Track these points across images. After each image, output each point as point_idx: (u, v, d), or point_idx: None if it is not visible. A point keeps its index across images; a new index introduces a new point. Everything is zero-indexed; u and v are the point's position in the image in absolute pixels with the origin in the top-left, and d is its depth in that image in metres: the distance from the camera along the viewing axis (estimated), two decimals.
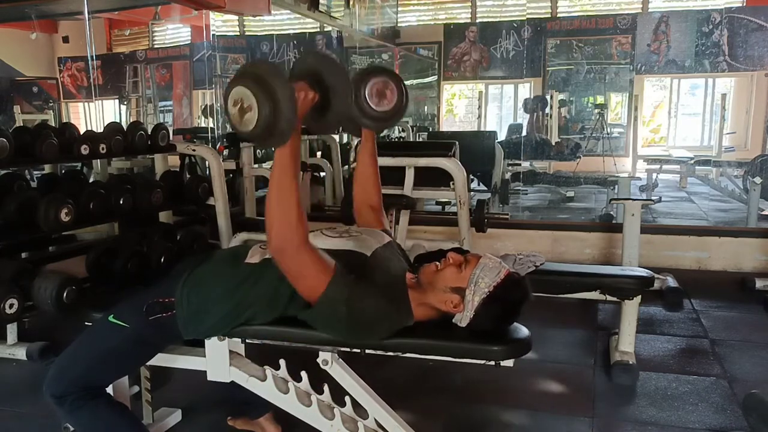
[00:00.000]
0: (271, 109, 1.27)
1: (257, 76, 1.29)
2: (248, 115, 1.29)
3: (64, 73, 6.78)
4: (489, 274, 1.49)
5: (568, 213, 6.54)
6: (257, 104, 1.27)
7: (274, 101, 1.27)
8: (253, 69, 1.33)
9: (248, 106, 1.28)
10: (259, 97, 1.27)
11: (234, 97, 1.31)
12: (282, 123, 1.29)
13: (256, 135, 1.32)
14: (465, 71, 9.29)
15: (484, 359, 1.54)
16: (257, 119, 1.28)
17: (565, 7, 9.16)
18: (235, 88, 1.31)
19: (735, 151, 7.63)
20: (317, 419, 1.66)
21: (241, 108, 1.29)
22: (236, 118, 1.32)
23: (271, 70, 1.30)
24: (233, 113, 1.32)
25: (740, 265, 4.13)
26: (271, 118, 1.28)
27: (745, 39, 7.94)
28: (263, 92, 1.27)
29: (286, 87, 1.28)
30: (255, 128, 1.29)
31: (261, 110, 1.27)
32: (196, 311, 1.61)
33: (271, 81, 1.28)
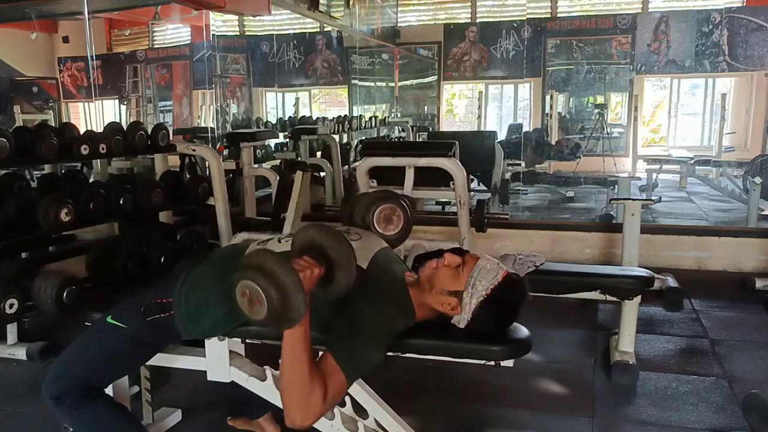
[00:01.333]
0: (280, 301, 1.27)
1: (262, 268, 1.29)
2: (257, 306, 1.29)
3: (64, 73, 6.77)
4: (486, 276, 1.49)
5: (568, 213, 6.54)
6: (266, 298, 1.27)
7: (284, 295, 1.27)
8: (257, 260, 1.32)
9: (257, 299, 1.29)
10: (266, 292, 1.27)
11: (241, 290, 1.32)
12: (292, 312, 1.29)
13: (268, 323, 1.32)
14: (465, 71, 9.30)
15: (484, 359, 1.54)
16: (267, 311, 1.28)
17: (565, 7, 9.16)
18: (241, 282, 1.31)
19: (735, 151, 7.63)
20: None
21: (250, 299, 1.30)
22: (246, 308, 1.32)
23: (275, 260, 1.30)
24: (242, 303, 1.33)
25: (740, 265, 4.13)
26: (281, 309, 1.28)
27: (745, 39, 7.95)
28: (270, 287, 1.27)
29: (293, 278, 1.28)
30: (266, 318, 1.29)
31: (270, 303, 1.27)
32: (195, 311, 1.60)
33: (277, 272, 1.27)
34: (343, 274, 1.41)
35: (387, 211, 1.81)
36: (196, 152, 3.81)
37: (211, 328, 1.62)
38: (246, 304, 1.32)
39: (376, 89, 9.04)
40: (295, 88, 8.61)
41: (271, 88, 8.23)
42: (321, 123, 6.60)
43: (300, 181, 3.63)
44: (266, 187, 5.09)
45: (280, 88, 8.42)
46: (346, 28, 6.90)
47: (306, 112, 7.94)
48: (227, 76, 7.40)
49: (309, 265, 1.36)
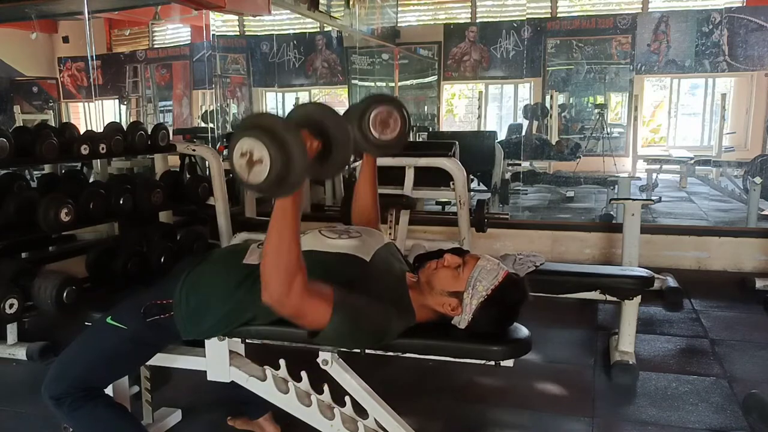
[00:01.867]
0: (285, 163, 1.23)
1: (268, 129, 1.25)
2: (257, 168, 1.25)
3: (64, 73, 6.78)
4: (487, 276, 1.49)
5: (568, 213, 6.54)
6: (270, 157, 1.23)
7: (288, 156, 1.23)
8: (263, 121, 1.28)
9: (258, 159, 1.24)
10: (271, 150, 1.23)
11: (242, 149, 1.26)
12: (293, 176, 1.26)
13: (265, 187, 1.28)
14: (465, 71, 9.30)
15: (484, 359, 1.54)
16: (269, 172, 1.24)
17: (565, 7, 9.17)
18: (243, 140, 1.26)
19: (735, 151, 7.63)
20: (317, 419, 1.66)
21: (250, 160, 1.25)
22: (243, 170, 1.27)
23: (282, 122, 1.27)
24: (240, 165, 1.27)
25: (740, 265, 4.13)
26: (284, 171, 1.24)
27: (745, 39, 7.95)
28: (277, 146, 1.23)
29: (300, 141, 1.25)
30: (265, 181, 1.25)
31: (274, 164, 1.23)
32: (195, 312, 1.60)
33: (284, 135, 1.24)
34: (339, 151, 1.39)
35: (383, 114, 1.72)
36: (196, 152, 3.82)
37: (211, 328, 1.62)
38: (244, 166, 1.26)
39: (376, 89, 9.04)
40: (295, 88, 8.61)
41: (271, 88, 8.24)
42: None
43: None
44: None
45: (280, 88, 8.43)
46: (346, 28, 6.90)
47: None
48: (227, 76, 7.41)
49: (306, 137, 1.33)
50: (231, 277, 1.59)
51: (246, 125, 1.30)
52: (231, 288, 1.58)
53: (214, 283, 1.60)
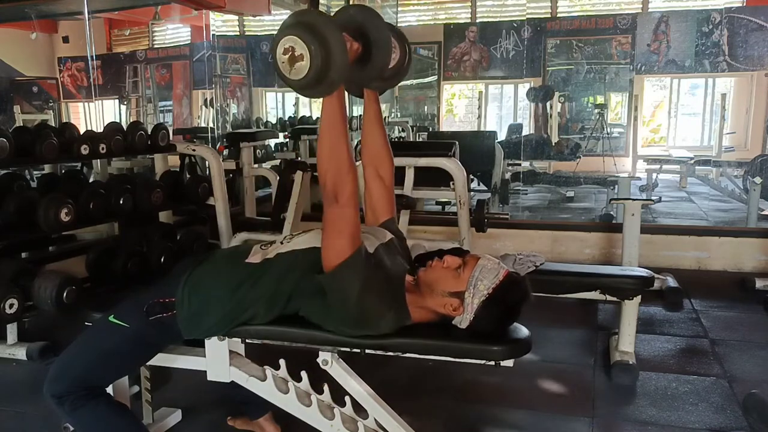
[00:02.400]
0: (324, 58, 1.26)
1: (310, 25, 1.28)
2: (299, 64, 1.28)
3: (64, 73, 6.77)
4: (488, 275, 1.49)
5: (568, 213, 6.54)
6: (310, 53, 1.26)
7: (327, 51, 1.26)
8: (305, 18, 1.31)
9: (300, 55, 1.27)
10: (312, 47, 1.26)
11: (284, 45, 1.29)
12: (334, 72, 1.28)
13: (306, 84, 1.31)
14: (465, 71, 9.29)
15: (484, 359, 1.54)
16: (309, 68, 1.27)
17: (565, 7, 9.16)
18: (286, 36, 1.29)
19: (735, 151, 7.63)
20: (317, 419, 1.66)
21: (292, 56, 1.28)
22: (286, 67, 1.30)
23: (323, 19, 1.30)
24: (283, 61, 1.30)
25: (740, 265, 4.13)
26: (324, 67, 1.27)
27: (745, 39, 7.94)
28: (317, 41, 1.26)
29: (339, 37, 1.28)
30: (306, 77, 1.29)
31: (314, 59, 1.26)
32: (197, 311, 1.61)
33: (324, 30, 1.27)
34: (380, 53, 1.42)
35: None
36: (196, 152, 3.82)
37: (213, 327, 1.62)
38: (287, 62, 1.30)
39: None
40: None
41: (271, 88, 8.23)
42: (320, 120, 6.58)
43: (300, 181, 3.63)
44: (266, 187, 5.09)
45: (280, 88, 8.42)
46: None
47: (306, 112, 7.93)
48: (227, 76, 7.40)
49: (347, 39, 1.36)
50: (233, 277, 1.59)
51: (288, 23, 1.31)
52: (232, 288, 1.58)
53: (216, 282, 1.61)
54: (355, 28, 1.42)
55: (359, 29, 1.42)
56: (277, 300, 1.56)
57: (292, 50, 1.28)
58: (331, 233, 1.46)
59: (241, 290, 1.57)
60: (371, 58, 1.43)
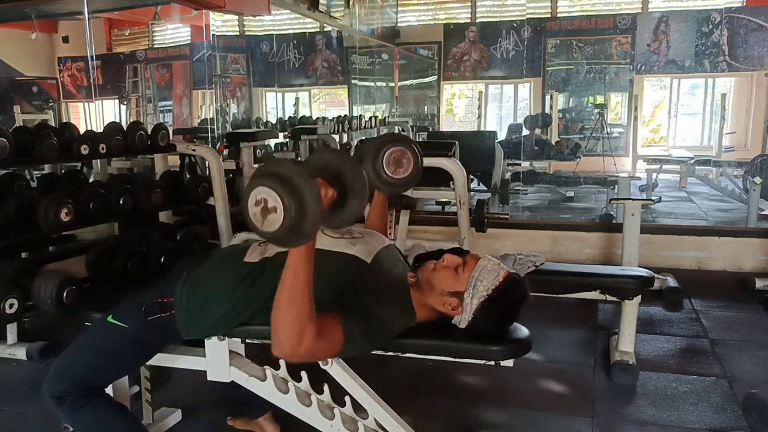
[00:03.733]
0: (298, 211, 1.22)
1: (283, 177, 1.24)
2: (272, 216, 1.24)
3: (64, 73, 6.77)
4: (487, 276, 1.49)
5: (568, 213, 6.54)
6: (284, 206, 1.22)
7: (302, 204, 1.22)
8: (278, 169, 1.27)
9: (273, 207, 1.24)
10: (285, 199, 1.22)
11: (256, 197, 1.26)
12: (308, 225, 1.24)
13: (278, 236, 1.27)
14: (465, 71, 9.29)
15: (484, 359, 1.54)
16: (282, 221, 1.23)
17: (565, 7, 9.16)
18: (258, 188, 1.26)
19: (735, 151, 7.63)
20: (317, 419, 1.66)
21: (264, 208, 1.24)
22: (258, 218, 1.26)
23: (297, 171, 1.26)
24: (254, 213, 1.26)
25: (740, 265, 4.13)
26: (298, 219, 1.23)
27: (745, 39, 7.94)
28: (291, 194, 1.22)
29: (314, 189, 1.24)
30: (279, 230, 1.24)
31: (287, 212, 1.22)
32: (196, 311, 1.61)
33: (299, 182, 1.23)
34: (355, 199, 1.39)
35: (396, 154, 1.77)
36: (196, 152, 3.82)
37: (212, 327, 1.62)
38: (258, 214, 1.26)
39: (376, 89, 9.04)
40: (295, 88, 8.61)
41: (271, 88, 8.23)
42: (321, 123, 6.60)
43: None
44: None
45: (280, 88, 8.42)
46: (346, 28, 6.90)
47: (306, 112, 7.95)
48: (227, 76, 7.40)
49: (323, 185, 1.33)
50: (231, 276, 1.59)
51: (261, 173, 1.28)
52: (231, 287, 1.58)
53: (214, 282, 1.61)
54: (330, 173, 1.39)
55: (335, 174, 1.39)
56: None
57: (264, 202, 1.24)
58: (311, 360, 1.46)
59: (240, 289, 1.57)
60: (346, 204, 1.39)
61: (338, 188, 1.38)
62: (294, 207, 1.22)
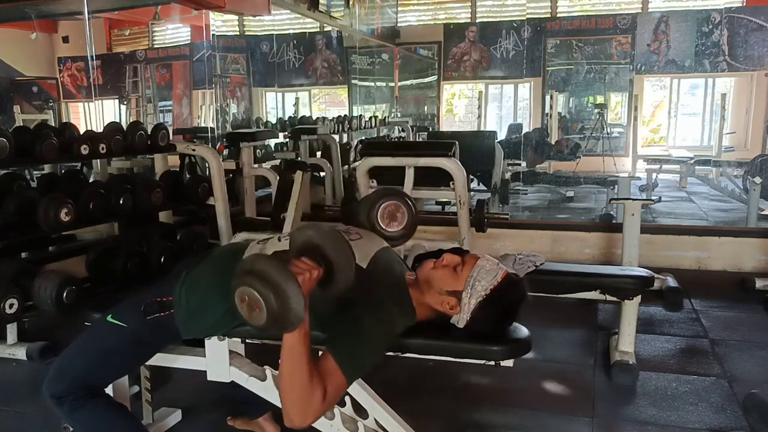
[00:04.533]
0: (280, 306, 1.26)
1: (261, 275, 1.28)
2: (256, 312, 1.29)
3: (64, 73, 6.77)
4: (486, 276, 1.49)
5: (568, 213, 6.54)
6: (265, 304, 1.27)
7: (282, 299, 1.26)
8: (255, 266, 1.31)
9: (255, 305, 1.28)
10: (266, 300, 1.26)
11: (240, 295, 1.31)
12: (292, 316, 1.28)
13: (267, 328, 1.33)
14: (465, 71, 9.29)
15: (484, 359, 1.54)
16: (266, 319, 1.28)
17: (565, 7, 9.16)
18: (240, 288, 1.31)
19: (735, 151, 7.63)
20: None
21: (249, 305, 1.30)
22: (246, 314, 1.32)
23: (273, 265, 1.29)
24: (242, 309, 1.32)
25: (740, 265, 4.13)
26: (282, 314, 1.27)
27: (745, 39, 7.94)
28: (270, 292, 1.26)
29: (293, 284, 1.27)
30: (265, 323, 1.29)
31: (269, 309, 1.27)
32: (195, 310, 1.60)
33: (276, 278, 1.26)
34: (342, 274, 1.40)
35: (391, 208, 1.80)
36: (196, 152, 3.81)
37: (211, 327, 1.62)
38: (245, 309, 1.32)
39: (376, 89, 9.04)
40: (295, 88, 8.60)
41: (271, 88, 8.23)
42: (321, 123, 6.60)
43: (300, 181, 3.63)
44: (266, 187, 5.08)
45: (280, 88, 8.42)
46: (346, 28, 6.90)
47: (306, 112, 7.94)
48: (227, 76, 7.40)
49: (308, 267, 1.35)
50: (231, 276, 1.59)
51: (241, 272, 1.33)
52: (230, 294, 1.57)
53: (213, 281, 1.60)
54: (314, 250, 1.40)
55: (318, 252, 1.40)
56: None
57: (248, 299, 1.29)
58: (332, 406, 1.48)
59: None
60: (334, 279, 1.40)
61: (324, 263, 1.39)
62: (274, 303, 1.26)
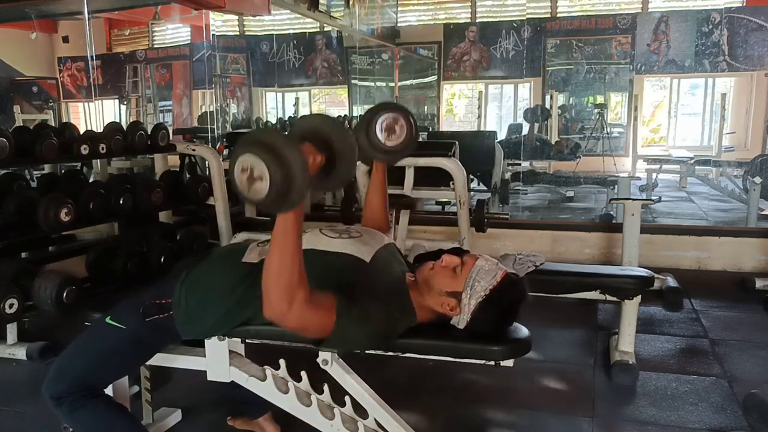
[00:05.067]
0: (284, 179, 1.22)
1: (269, 145, 1.23)
2: (258, 184, 1.24)
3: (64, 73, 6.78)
4: (485, 277, 1.49)
5: (568, 213, 6.54)
6: (269, 175, 1.22)
7: (288, 172, 1.22)
8: (264, 137, 1.26)
9: (258, 176, 1.23)
10: (271, 168, 1.21)
11: (242, 165, 1.25)
12: (294, 193, 1.24)
13: (265, 204, 1.27)
14: (465, 71, 9.30)
15: (484, 359, 1.54)
16: (269, 189, 1.23)
17: (565, 7, 9.16)
18: (243, 156, 1.25)
19: (735, 151, 7.63)
20: (317, 419, 1.66)
21: (250, 176, 1.24)
22: (244, 186, 1.26)
23: (283, 139, 1.25)
24: (241, 181, 1.26)
25: (740, 265, 4.13)
26: (284, 188, 1.23)
27: (745, 39, 7.95)
28: (276, 163, 1.21)
29: (300, 157, 1.23)
30: (265, 198, 1.24)
31: (273, 181, 1.22)
32: (194, 311, 1.60)
33: (284, 151, 1.22)
34: (344, 165, 1.38)
35: (389, 121, 1.75)
36: (196, 152, 3.82)
37: (211, 327, 1.62)
38: (245, 181, 1.26)
39: (376, 89, 9.04)
40: (295, 88, 8.61)
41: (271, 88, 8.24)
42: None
43: None
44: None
45: (280, 88, 8.43)
46: (346, 28, 6.90)
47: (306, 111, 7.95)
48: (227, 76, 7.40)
49: (310, 152, 1.33)
50: (230, 276, 1.59)
51: (247, 141, 1.27)
52: (230, 287, 1.58)
53: (213, 282, 1.60)
54: (318, 138, 1.38)
55: (323, 140, 1.38)
56: None
57: (250, 170, 1.24)
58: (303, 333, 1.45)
59: (239, 290, 1.56)
60: (334, 169, 1.38)
61: (326, 153, 1.37)
62: (280, 176, 1.22)
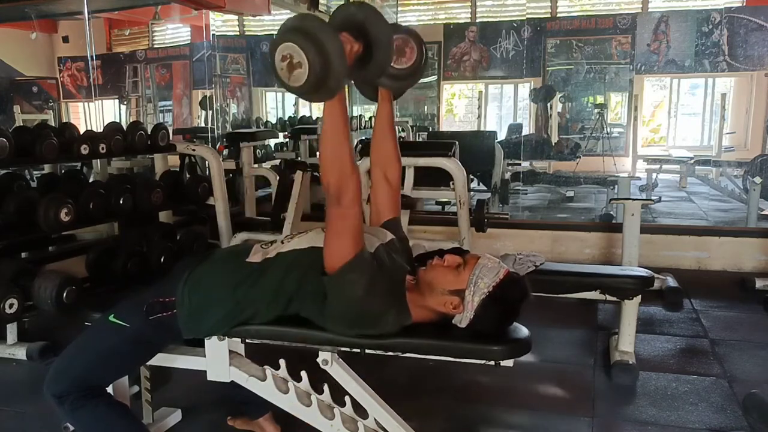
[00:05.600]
0: (322, 66, 1.24)
1: (307, 32, 1.25)
2: (297, 71, 1.26)
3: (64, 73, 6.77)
4: (488, 274, 1.49)
5: (568, 213, 6.54)
6: (308, 61, 1.24)
7: (326, 58, 1.24)
8: (302, 24, 1.29)
9: (298, 63, 1.25)
10: (310, 54, 1.24)
11: (282, 53, 1.28)
12: (332, 80, 1.27)
13: (305, 90, 1.30)
14: (465, 71, 9.29)
15: (484, 359, 1.54)
16: (308, 76, 1.26)
17: (565, 7, 9.16)
18: (283, 44, 1.27)
19: (735, 151, 7.63)
20: (317, 419, 1.66)
21: (290, 63, 1.26)
22: (284, 74, 1.29)
23: (321, 25, 1.28)
24: (282, 68, 1.29)
25: (740, 265, 4.13)
26: (323, 75, 1.25)
27: (745, 39, 7.94)
28: (314, 49, 1.24)
29: (337, 43, 1.26)
30: (305, 84, 1.27)
31: (311, 68, 1.24)
32: (197, 310, 1.61)
33: (322, 37, 1.25)
34: (381, 52, 1.39)
35: (398, 42, 1.70)
36: (196, 152, 3.82)
37: (213, 327, 1.62)
38: (285, 69, 1.28)
39: None
40: None
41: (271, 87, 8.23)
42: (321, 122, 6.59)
43: (300, 181, 3.63)
44: (266, 187, 5.09)
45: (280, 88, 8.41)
46: None
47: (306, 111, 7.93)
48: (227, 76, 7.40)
49: (347, 40, 1.34)
50: (233, 276, 1.59)
51: (286, 28, 1.29)
52: (232, 287, 1.58)
53: (216, 282, 1.61)
54: (355, 26, 1.40)
55: (359, 28, 1.39)
56: (278, 299, 1.56)
57: (290, 57, 1.26)
58: (334, 235, 1.46)
59: (241, 289, 1.57)
60: (372, 58, 1.40)
61: (363, 42, 1.38)
62: (318, 63, 1.24)
